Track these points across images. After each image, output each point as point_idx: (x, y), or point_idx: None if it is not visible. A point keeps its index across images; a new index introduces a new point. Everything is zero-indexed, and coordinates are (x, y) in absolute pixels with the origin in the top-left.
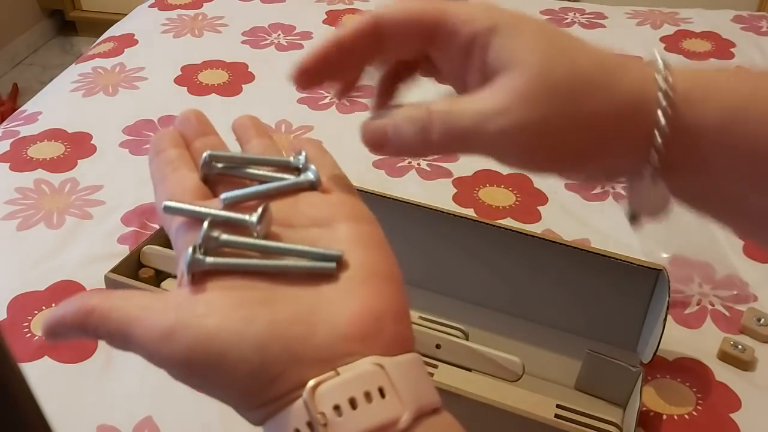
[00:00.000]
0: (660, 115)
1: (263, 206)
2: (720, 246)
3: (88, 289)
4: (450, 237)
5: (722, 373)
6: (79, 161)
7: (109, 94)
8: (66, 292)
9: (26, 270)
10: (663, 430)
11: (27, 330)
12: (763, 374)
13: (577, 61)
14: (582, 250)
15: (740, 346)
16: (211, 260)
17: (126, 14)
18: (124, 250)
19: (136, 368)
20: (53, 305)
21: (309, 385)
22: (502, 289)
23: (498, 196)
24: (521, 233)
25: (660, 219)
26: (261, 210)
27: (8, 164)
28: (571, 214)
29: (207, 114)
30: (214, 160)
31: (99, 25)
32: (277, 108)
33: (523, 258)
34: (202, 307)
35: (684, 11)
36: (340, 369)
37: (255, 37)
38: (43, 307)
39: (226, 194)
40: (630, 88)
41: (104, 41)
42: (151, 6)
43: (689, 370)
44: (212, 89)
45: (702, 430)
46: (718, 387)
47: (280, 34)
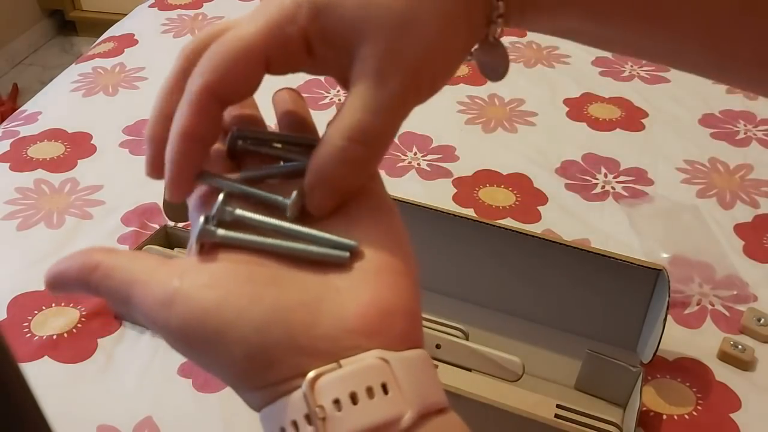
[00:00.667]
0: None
1: (299, 190)
2: (720, 246)
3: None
4: (450, 237)
5: (722, 373)
6: (79, 161)
7: (109, 94)
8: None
9: (26, 270)
10: (663, 430)
11: (27, 330)
12: (763, 374)
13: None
14: (582, 250)
15: (740, 346)
16: (222, 233)
17: (126, 14)
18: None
19: (136, 368)
20: (53, 305)
21: (309, 376)
22: (502, 288)
23: (498, 196)
24: (521, 233)
25: (500, 78)
26: (296, 194)
27: (8, 164)
28: (571, 214)
29: None
30: (240, 137)
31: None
32: None
33: (523, 258)
34: (207, 277)
35: None
36: (342, 361)
37: None
38: (43, 307)
39: (245, 173)
40: None
41: (104, 41)
42: (151, 6)
43: (689, 370)
44: None
45: (702, 430)
46: (718, 387)
47: None
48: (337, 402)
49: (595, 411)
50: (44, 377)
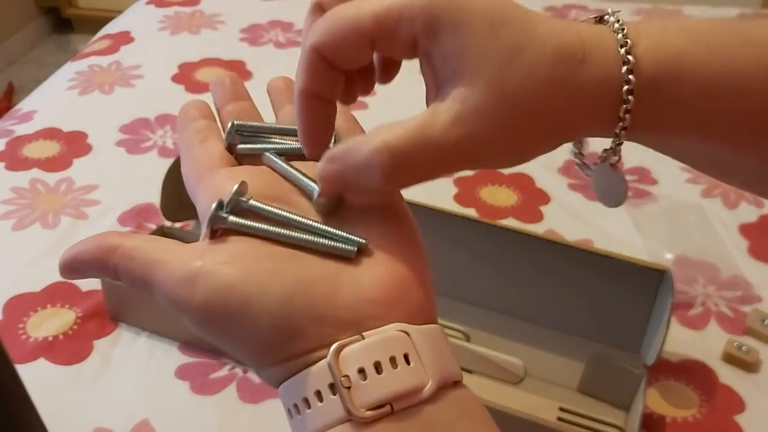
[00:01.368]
0: (623, 112)
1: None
2: (724, 246)
3: (81, 291)
4: (451, 237)
5: (726, 374)
6: (74, 160)
7: (105, 93)
8: (61, 293)
9: (21, 271)
10: None
11: (23, 331)
12: (767, 376)
13: (533, 61)
14: (585, 250)
15: (744, 348)
16: (234, 219)
17: (122, 11)
18: None
19: (133, 370)
20: (48, 306)
21: (333, 347)
22: (504, 290)
23: (500, 196)
24: (523, 233)
25: (618, 204)
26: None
27: (3, 163)
28: (573, 214)
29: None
30: (238, 131)
31: (95, 23)
32: None
33: (524, 259)
34: (227, 255)
35: (688, 8)
36: (365, 333)
37: (253, 35)
38: (39, 309)
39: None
40: (592, 83)
41: (100, 39)
42: (148, 3)
43: (693, 372)
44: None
45: None
46: (722, 389)
47: (278, 32)
48: (361, 371)
49: (599, 414)
50: (40, 379)
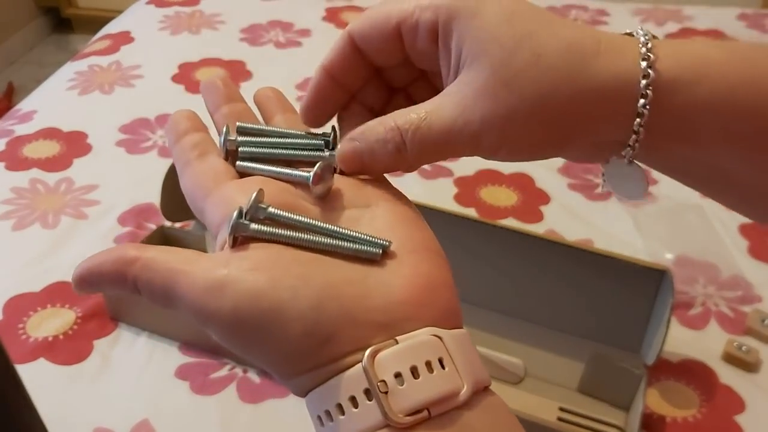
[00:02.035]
0: (642, 106)
1: (320, 166)
2: (724, 246)
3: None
4: (451, 237)
5: (726, 375)
6: (74, 160)
7: (105, 93)
8: (61, 293)
9: (21, 270)
10: None
11: (22, 331)
12: (767, 376)
13: (542, 48)
14: (585, 250)
15: (745, 348)
16: (256, 227)
17: (122, 11)
18: None
19: (133, 370)
20: (48, 306)
21: (367, 351)
22: (504, 290)
23: (500, 196)
24: (523, 233)
25: (637, 199)
26: (317, 169)
27: (3, 163)
28: (573, 214)
29: (204, 113)
30: (237, 138)
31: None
32: None
33: (525, 259)
34: (253, 262)
35: (688, 8)
36: (399, 338)
37: (253, 35)
38: (38, 309)
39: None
40: (606, 76)
41: (100, 39)
42: (148, 3)
43: (693, 372)
44: None
45: None
46: (722, 389)
47: (278, 32)
48: (398, 376)
49: (599, 414)
50: (39, 379)
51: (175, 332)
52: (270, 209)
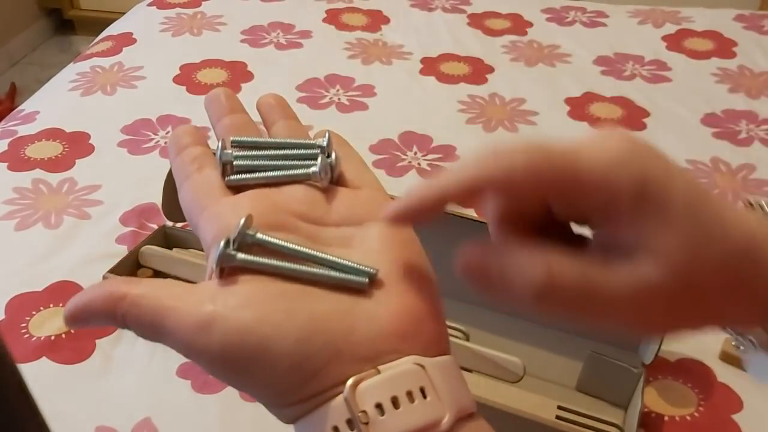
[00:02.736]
0: None
1: (321, 159)
2: None
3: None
4: (451, 237)
5: (724, 373)
6: (77, 161)
7: (107, 94)
8: (64, 293)
9: (24, 270)
10: None
11: (25, 330)
12: None
13: (724, 261)
14: None
15: (742, 347)
16: (242, 257)
17: (124, 13)
18: (123, 251)
19: (135, 369)
20: (51, 306)
21: (349, 382)
22: None
23: None
24: None
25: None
26: (320, 162)
27: (6, 164)
28: None
29: (204, 116)
30: (233, 153)
31: (97, 24)
32: None
33: None
34: (239, 298)
35: (686, 10)
36: (381, 367)
37: (254, 36)
38: (41, 308)
39: (232, 178)
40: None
41: (102, 40)
42: (150, 5)
43: (691, 371)
44: (211, 89)
45: (704, 431)
46: (719, 388)
47: (279, 33)
48: (379, 406)
49: (597, 412)
50: (42, 378)
51: None
52: (258, 235)
